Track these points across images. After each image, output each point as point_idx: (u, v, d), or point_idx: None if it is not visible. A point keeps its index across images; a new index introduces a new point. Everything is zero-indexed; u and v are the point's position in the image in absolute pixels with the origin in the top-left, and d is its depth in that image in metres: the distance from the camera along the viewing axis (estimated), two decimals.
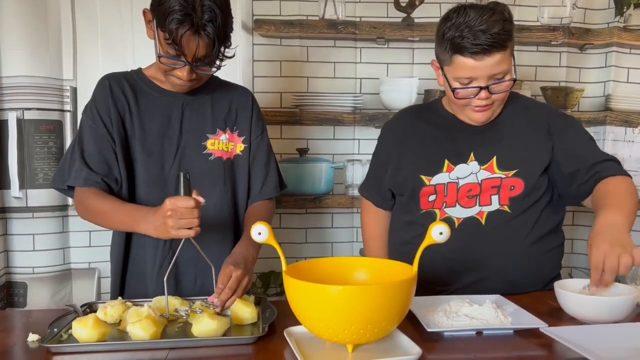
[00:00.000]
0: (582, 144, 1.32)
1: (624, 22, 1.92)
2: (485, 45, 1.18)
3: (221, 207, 1.31)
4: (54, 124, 1.78)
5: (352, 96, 1.92)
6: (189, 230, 1.04)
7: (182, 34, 1.11)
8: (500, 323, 1.00)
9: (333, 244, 1.97)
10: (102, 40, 1.79)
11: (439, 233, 0.89)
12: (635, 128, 1.95)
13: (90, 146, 1.24)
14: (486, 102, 1.27)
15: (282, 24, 1.86)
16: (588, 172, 1.27)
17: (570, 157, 1.30)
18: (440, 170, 1.34)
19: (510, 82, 1.26)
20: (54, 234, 1.78)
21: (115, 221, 1.20)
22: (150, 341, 0.95)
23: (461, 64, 1.23)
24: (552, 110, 1.46)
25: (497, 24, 1.19)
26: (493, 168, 1.31)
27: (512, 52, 1.25)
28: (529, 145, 1.32)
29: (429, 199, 1.34)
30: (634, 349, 0.91)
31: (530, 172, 1.30)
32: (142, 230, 1.11)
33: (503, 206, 1.30)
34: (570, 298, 1.05)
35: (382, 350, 0.90)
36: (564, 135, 1.32)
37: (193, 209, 1.03)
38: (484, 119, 1.31)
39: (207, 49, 1.14)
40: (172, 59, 1.16)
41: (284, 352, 0.92)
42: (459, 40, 1.20)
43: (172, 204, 1.03)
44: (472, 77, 1.24)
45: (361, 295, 0.83)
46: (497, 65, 1.22)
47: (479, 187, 1.31)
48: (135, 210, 1.16)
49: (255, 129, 1.37)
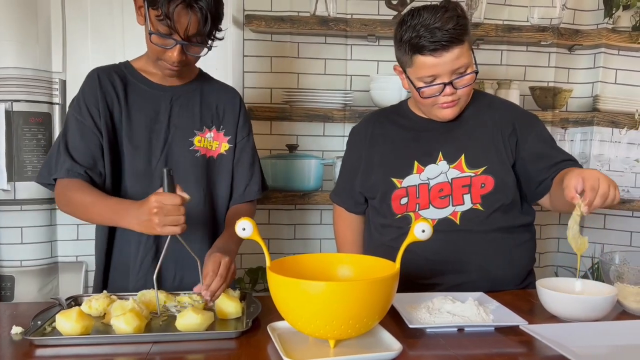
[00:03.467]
0: (545, 143, 1.35)
1: (612, 24, 1.93)
2: (443, 42, 1.21)
3: (204, 204, 1.32)
4: (42, 117, 1.77)
5: (343, 93, 1.92)
6: (175, 227, 1.04)
7: (174, 7, 1.10)
8: (481, 320, 1.02)
9: (322, 240, 1.97)
10: (92, 33, 1.78)
11: (421, 231, 0.90)
12: (622, 129, 1.96)
13: (75, 139, 1.24)
14: (452, 97, 1.29)
15: (273, 20, 1.85)
16: (549, 170, 1.30)
17: (534, 156, 1.33)
18: (411, 172, 1.35)
19: (472, 74, 1.28)
20: (41, 227, 1.78)
21: (96, 214, 1.19)
22: (133, 335, 0.95)
23: (422, 63, 1.25)
24: (517, 108, 1.49)
25: (451, 20, 1.22)
26: (462, 166, 1.33)
27: (470, 46, 1.28)
28: (496, 142, 1.34)
29: (401, 202, 1.36)
30: (612, 347, 0.93)
31: (498, 169, 1.32)
32: (125, 225, 1.11)
33: (476, 204, 1.32)
34: (552, 296, 1.06)
35: (364, 346, 0.91)
36: (528, 134, 1.35)
37: (179, 206, 1.03)
38: (452, 115, 1.33)
39: (199, 25, 1.13)
40: (163, 37, 1.16)
41: (267, 347, 0.93)
42: (417, 40, 1.23)
43: (157, 201, 1.03)
44: (434, 75, 1.26)
45: (342, 292, 0.84)
46: (457, 60, 1.24)
47: (450, 187, 1.32)
48: (118, 204, 1.15)
49: (242, 131, 1.38)
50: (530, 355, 0.91)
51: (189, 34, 1.14)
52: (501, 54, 1.95)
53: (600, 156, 1.97)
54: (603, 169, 1.96)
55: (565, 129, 1.97)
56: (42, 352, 0.92)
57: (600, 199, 1.05)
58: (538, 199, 1.35)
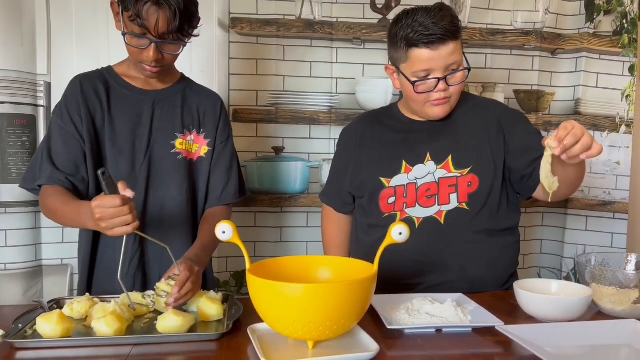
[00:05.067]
0: (530, 135, 1.36)
1: (594, 29, 1.96)
2: (439, 35, 1.25)
3: (186, 205, 1.34)
4: (27, 119, 1.76)
5: (329, 95, 1.93)
6: (126, 227, 1.02)
7: (143, 6, 1.13)
8: (459, 321, 1.03)
9: (308, 243, 1.98)
10: (77, 36, 1.78)
11: (398, 233, 0.91)
12: (604, 132, 1.99)
13: (57, 145, 1.25)
14: (445, 94, 1.31)
15: (258, 23, 1.86)
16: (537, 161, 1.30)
17: (521, 149, 1.34)
18: (399, 172, 1.37)
19: (464, 71, 1.31)
20: (26, 229, 1.77)
21: (68, 219, 1.20)
22: (114, 337, 0.96)
23: (417, 56, 1.28)
24: (502, 106, 1.51)
25: (446, 17, 1.26)
26: (449, 167, 1.35)
27: (462, 46, 1.31)
28: (483, 142, 1.36)
29: (389, 201, 1.37)
30: (585, 347, 0.95)
31: (484, 169, 1.34)
32: (90, 227, 1.10)
33: (462, 204, 1.33)
34: (528, 297, 1.08)
35: (342, 347, 0.92)
36: (514, 129, 1.37)
37: (122, 207, 1.00)
38: (443, 113, 1.35)
39: (169, 22, 1.15)
40: (137, 37, 1.17)
41: (247, 348, 0.94)
42: (413, 35, 1.26)
43: (97, 206, 1.01)
44: (429, 69, 1.28)
45: (319, 294, 0.85)
46: (451, 55, 1.27)
47: (437, 186, 1.34)
48: (79, 207, 1.15)
49: (221, 135, 1.39)
50: (506, 356, 0.93)
51: (160, 31, 1.16)
52: (485, 57, 1.98)
53: None
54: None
55: (548, 131, 2.00)
56: (22, 354, 0.92)
57: (571, 137, 1.01)
58: (532, 192, 1.36)
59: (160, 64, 1.23)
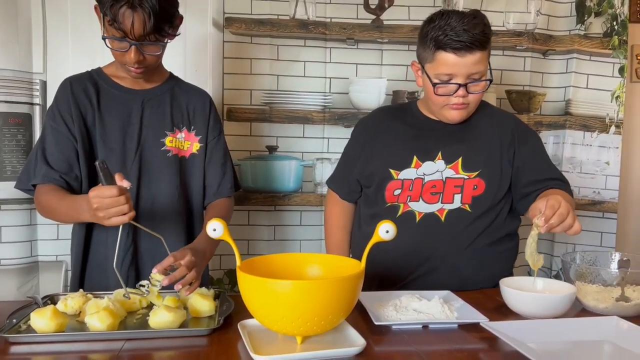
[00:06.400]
0: (537, 157, 1.40)
1: (584, 30, 1.99)
2: (467, 42, 1.25)
3: (178, 202, 1.36)
4: (23, 117, 1.78)
5: (322, 95, 1.95)
6: (123, 217, 1.06)
7: (118, 9, 1.15)
8: (445, 317, 1.05)
9: (301, 242, 2.00)
10: (73, 35, 1.79)
11: (385, 231, 0.93)
12: (594, 132, 2.02)
13: (51, 145, 1.29)
14: (463, 100, 1.33)
15: (252, 23, 1.88)
16: (534, 184, 1.35)
17: (524, 167, 1.38)
18: (409, 166, 1.39)
19: (486, 82, 1.32)
20: (21, 226, 1.79)
21: (63, 214, 1.24)
22: (106, 332, 0.98)
23: (443, 60, 1.29)
24: (518, 120, 1.53)
25: (478, 26, 1.27)
26: (458, 168, 1.37)
27: (489, 57, 1.32)
28: (494, 150, 1.39)
29: (395, 193, 1.39)
30: (567, 343, 0.97)
31: (492, 175, 1.37)
32: (85, 219, 1.14)
33: (464, 205, 1.36)
34: (513, 294, 1.10)
35: (330, 342, 0.94)
36: (523, 146, 1.40)
37: (119, 197, 1.04)
38: (460, 117, 1.37)
39: (145, 24, 1.17)
40: (116, 40, 1.20)
41: (237, 344, 0.96)
42: (442, 37, 1.27)
43: (95, 196, 1.05)
44: (452, 74, 1.30)
45: (307, 290, 0.87)
46: (475, 65, 1.28)
47: (443, 185, 1.36)
48: (74, 201, 1.19)
49: (212, 131, 1.41)
50: (490, 351, 0.95)
51: (137, 34, 1.18)
52: None
53: (572, 159, 2.02)
54: (575, 172, 2.02)
55: (539, 132, 2.02)
56: (16, 349, 0.94)
57: (557, 218, 1.10)
58: (524, 212, 1.39)
59: (143, 64, 1.25)
